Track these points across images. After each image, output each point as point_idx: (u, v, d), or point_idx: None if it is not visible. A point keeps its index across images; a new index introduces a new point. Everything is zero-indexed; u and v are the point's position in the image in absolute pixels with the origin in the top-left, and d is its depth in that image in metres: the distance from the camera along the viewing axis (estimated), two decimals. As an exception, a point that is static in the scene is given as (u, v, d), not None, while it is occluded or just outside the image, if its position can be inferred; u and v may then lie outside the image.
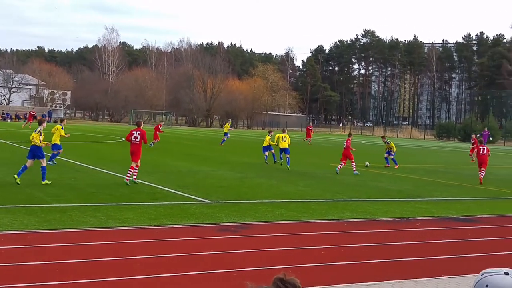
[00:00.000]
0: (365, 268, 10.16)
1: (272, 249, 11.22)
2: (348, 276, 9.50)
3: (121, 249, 10.90)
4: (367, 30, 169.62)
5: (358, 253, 11.29)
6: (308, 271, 9.78)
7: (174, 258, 10.21)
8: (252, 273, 9.27)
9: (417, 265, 10.60)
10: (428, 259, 11.04)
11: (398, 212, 16.57)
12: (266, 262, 10.11)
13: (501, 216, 16.90)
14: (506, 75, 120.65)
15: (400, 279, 9.44)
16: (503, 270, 2.44)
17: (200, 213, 14.80)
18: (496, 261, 11.05)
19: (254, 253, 10.89)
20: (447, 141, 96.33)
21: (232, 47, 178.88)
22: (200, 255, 10.50)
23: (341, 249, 11.53)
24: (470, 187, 24.45)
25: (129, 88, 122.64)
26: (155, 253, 10.46)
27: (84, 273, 9.02)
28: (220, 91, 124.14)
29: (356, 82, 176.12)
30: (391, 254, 11.25)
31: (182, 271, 9.36)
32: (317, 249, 11.40)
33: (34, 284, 8.51)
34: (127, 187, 19.22)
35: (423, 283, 9.27)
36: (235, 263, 10.03)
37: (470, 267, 10.31)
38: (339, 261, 10.48)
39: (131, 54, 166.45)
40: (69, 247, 10.88)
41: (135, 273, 9.22)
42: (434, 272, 9.92)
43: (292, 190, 20.62)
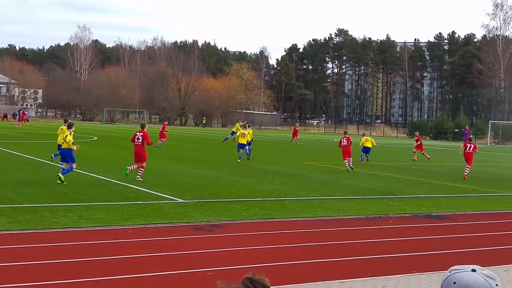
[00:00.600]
0: (339, 265, 10.22)
1: (246, 248, 11.24)
2: (321, 274, 9.54)
3: (93, 249, 10.83)
4: (341, 29, 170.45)
5: (331, 250, 11.36)
6: (283, 269, 9.81)
7: (148, 258, 10.18)
8: (226, 272, 9.27)
9: (389, 261, 10.69)
10: (400, 255, 11.14)
11: (371, 209, 16.68)
12: (240, 261, 10.12)
13: (471, 213, 17.08)
14: (477, 74, 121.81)
15: (372, 276, 9.51)
16: (471, 267, 2.48)
17: (174, 213, 14.77)
18: (466, 257, 11.18)
19: (228, 252, 10.90)
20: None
21: (206, 46, 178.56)
22: (173, 254, 10.49)
23: (315, 247, 11.57)
24: (441, 184, 24.67)
25: (101, 87, 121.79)
26: (128, 253, 10.42)
27: (55, 274, 8.96)
28: (194, 89, 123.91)
29: (329, 80, 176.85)
30: (364, 252, 11.33)
31: (156, 271, 9.33)
32: (291, 247, 11.44)
33: (4, 285, 8.43)
34: (100, 187, 19.13)
35: (395, 280, 9.35)
36: (209, 262, 10.03)
37: (441, 263, 10.41)
38: (313, 259, 10.53)
39: (104, 52, 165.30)
40: (40, 248, 10.80)
41: (107, 273, 9.18)
42: (406, 269, 10.01)
43: (267, 188, 20.65)
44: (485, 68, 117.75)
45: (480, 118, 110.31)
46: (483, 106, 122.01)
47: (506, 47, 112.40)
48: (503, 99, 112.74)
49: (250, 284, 2.60)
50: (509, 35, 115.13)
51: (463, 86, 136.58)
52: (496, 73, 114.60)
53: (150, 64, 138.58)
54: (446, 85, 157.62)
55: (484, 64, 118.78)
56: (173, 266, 9.69)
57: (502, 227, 14.95)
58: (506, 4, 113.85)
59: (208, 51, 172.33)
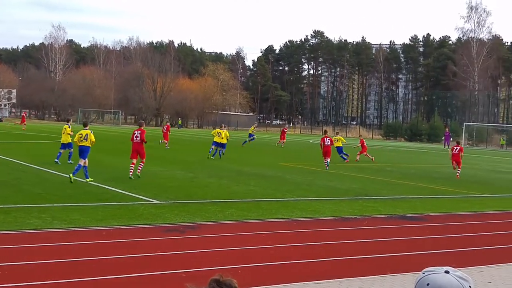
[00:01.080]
0: (314, 266, 10.23)
1: (221, 249, 11.20)
2: (297, 275, 9.54)
3: (67, 250, 10.74)
4: (316, 31, 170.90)
5: (306, 251, 11.36)
6: (257, 270, 9.80)
7: (122, 260, 10.11)
8: (201, 273, 9.24)
9: (364, 263, 10.72)
10: (375, 257, 11.17)
11: (346, 210, 16.73)
12: (215, 262, 10.09)
13: (445, 214, 17.20)
14: (451, 76, 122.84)
15: (347, 277, 9.53)
16: (444, 269, 2.48)
17: (149, 214, 14.70)
18: (440, 258, 11.25)
19: (203, 253, 10.86)
20: (394, 140, 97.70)
21: (182, 46, 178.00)
22: (148, 256, 10.43)
23: (290, 248, 11.58)
24: (416, 185, 24.83)
25: (76, 87, 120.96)
26: (102, 255, 10.35)
27: (28, 276, 8.87)
28: (170, 90, 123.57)
29: (305, 82, 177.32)
30: (339, 252, 11.36)
31: (130, 273, 9.28)
32: (267, 248, 11.43)
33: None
34: (74, 188, 18.99)
35: (370, 281, 9.38)
36: (183, 263, 9.99)
37: (415, 264, 10.46)
38: (288, 260, 10.53)
39: (79, 52, 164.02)
40: (13, 249, 10.68)
41: (80, 275, 9.10)
42: (380, 270, 10.04)
43: (243, 189, 20.64)
44: (459, 71, 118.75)
45: (455, 120, 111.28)
46: (458, 108, 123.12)
47: (480, 49, 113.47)
48: (477, 101, 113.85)
49: (217, 286, 2.58)
50: (483, 38, 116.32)
51: (437, 88, 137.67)
52: (470, 76, 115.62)
53: (126, 64, 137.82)
54: (421, 87, 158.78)
55: (459, 67, 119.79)
56: (147, 267, 9.63)
57: (476, 228, 15.07)
58: (480, 7, 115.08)
59: (184, 52, 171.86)
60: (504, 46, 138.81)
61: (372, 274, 9.78)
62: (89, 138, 21.35)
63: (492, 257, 11.50)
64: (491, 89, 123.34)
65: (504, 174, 34.65)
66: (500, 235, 14.25)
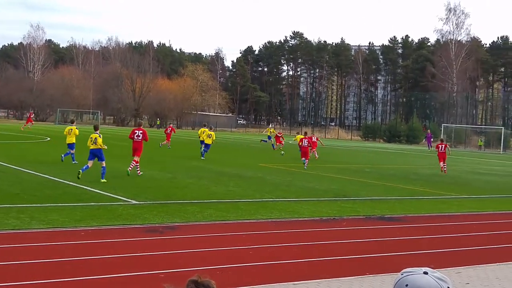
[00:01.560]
0: (293, 267, 10.24)
1: (200, 250, 11.19)
2: (275, 276, 9.55)
3: (45, 251, 10.67)
4: (296, 32, 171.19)
5: (285, 252, 11.37)
6: (236, 271, 9.80)
7: (100, 260, 10.06)
8: (179, 274, 9.22)
9: (342, 264, 10.75)
10: (353, 257, 11.21)
11: (325, 211, 16.77)
12: (193, 263, 10.07)
13: (424, 215, 17.31)
14: (430, 78, 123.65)
15: (326, 278, 9.55)
16: (422, 270, 2.49)
17: (127, 214, 14.63)
18: (419, 259, 11.32)
19: (182, 254, 10.84)
20: (373, 141, 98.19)
21: (161, 47, 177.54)
22: (126, 256, 10.38)
23: (268, 249, 11.59)
24: (394, 186, 24.96)
25: (55, 87, 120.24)
26: (80, 255, 10.29)
27: (5, 276, 8.79)
28: (149, 90, 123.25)
29: (285, 83, 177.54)
30: (318, 253, 11.38)
31: (109, 273, 9.23)
32: (245, 249, 11.43)
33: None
34: (53, 188, 18.87)
35: (349, 282, 9.41)
36: (162, 264, 9.96)
37: (394, 265, 10.51)
38: (267, 260, 10.53)
39: (58, 52, 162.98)
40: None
41: (58, 275, 9.04)
42: (359, 271, 10.07)
43: (222, 190, 20.62)
44: (438, 72, 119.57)
45: (433, 122, 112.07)
46: (436, 110, 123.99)
47: (459, 51, 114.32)
48: (456, 102, 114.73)
49: (195, 287, 2.58)
50: (462, 40, 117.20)
51: (416, 89, 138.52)
52: (449, 77, 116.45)
53: (105, 65, 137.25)
54: (400, 89, 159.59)
55: (437, 68, 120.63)
56: (126, 268, 9.59)
57: (454, 229, 15.17)
58: (459, 8, 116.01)
59: (163, 52, 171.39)
60: (483, 48, 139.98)
61: (350, 275, 9.81)
62: (98, 142, 22.13)
63: (470, 258, 11.59)
64: (469, 90, 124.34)
65: (482, 175, 34.92)
66: (478, 236, 14.36)
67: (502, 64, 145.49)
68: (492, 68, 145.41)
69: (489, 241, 13.66)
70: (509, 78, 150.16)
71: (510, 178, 34.31)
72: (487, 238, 14.18)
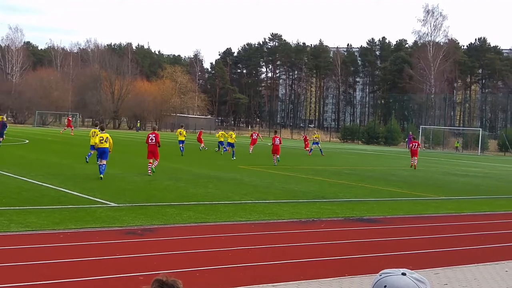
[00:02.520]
0: (271, 268, 10.25)
1: (179, 252, 11.18)
2: (254, 277, 9.56)
3: (24, 254, 10.59)
4: (274, 34, 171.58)
5: (264, 254, 11.39)
6: (215, 273, 9.79)
7: (79, 263, 10.02)
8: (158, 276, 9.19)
9: (322, 265, 10.79)
10: (332, 259, 11.26)
11: (304, 213, 16.81)
12: (172, 265, 10.06)
13: (402, 216, 17.41)
14: (408, 79, 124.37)
15: (305, 279, 9.58)
16: (401, 271, 2.50)
17: (106, 217, 14.57)
18: (397, 260, 11.39)
19: (161, 256, 10.81)
20: (352, 143, 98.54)
21: (140, 49, 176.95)
22: (105, 259, 10.35)
23: (247, 251, 11.60)
24: (373, 188, 25.07)
25: (33, 89, 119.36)
26: (59, 258, 10.23)
27: (-16, 280, 8.73)
28: (128, 92, 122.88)
29: (264, 85, 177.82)
30: (296, 255, 11.40)
31: (87, 276, 9.19)
32: (224, 251, 11.43)
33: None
34: (31, 191, 18.74)
35: (328, 283, 9.44)
36: (141, 267, 9.93)
37: (372, 266, 10.58)
38: (245, 262, 10.55)
39: (36, 54, 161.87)
40: (-32, 253, 10.49)
41: (37, 278, 8.98)
42: (338, 272, 10.11)
43: (201, 192, 20.59)
44: (416, 74, 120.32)
45: (411, 123, 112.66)
46: (414, 111, 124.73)
47: (437, 53, 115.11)
48: (434, 104, 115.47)
49: (159, 286, 2.58)
50: (440, 41, 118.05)
51: (394, 91, 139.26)
52: (426, 79, 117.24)
53: (83, 67, 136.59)
54: (378, 90, 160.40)
55: (415, 70, 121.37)
56: (105, 270, 9.56)
57: (432, 230, 15.27)
58: (437, 10, 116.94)
59: (142, 54, 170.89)
60: (460, 50, 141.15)
61: (329, 276, 9.85)
62: (109, 141, 24.07)
63: (448, 259, 11.68)
64: (447, 92, 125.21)
65: (460, 176, 35.18)
66: (456, 237, 14.47)
67: (480, 66, 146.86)
68: (469, 70, 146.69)
69: (467, 242, 13.77)
70: (486, 80, 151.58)
71: (487, 179, 34.60)
72: (465, 239, 14.29)
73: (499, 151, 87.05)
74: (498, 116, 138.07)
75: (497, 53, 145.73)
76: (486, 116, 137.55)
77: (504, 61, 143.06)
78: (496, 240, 14.35)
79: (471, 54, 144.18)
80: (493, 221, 17.77)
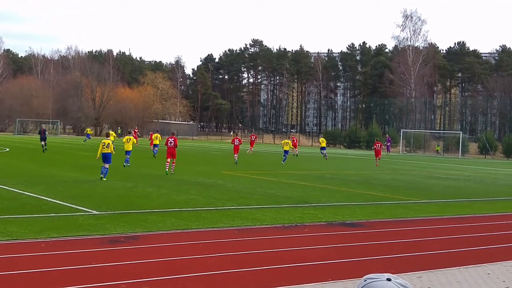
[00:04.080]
0: (254, 275, 10.24)
1: (162, 259, 11.13)
2: (237, 284, 9.55)
3: (5, 263, 10.50)
4: (255, 39, 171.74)
5: (247, 260, 11.37)
6: (199, 280, 9.76)
7: (61, 272, 9.95)
8: (141, 284, 9.17)
9: (304, 269, 10.78)
10: (315, 263, 11.26)
11: (286, 218, 16.81)
12: (156, 273, 10.02)
13: (384, 220, 17.46)
14: (388, 84, 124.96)
15: (288, 284, 9.57)
16: (386, 276, 2.50)
17: (88, 225, 14.49)
18: (380, 264, 11.42)
19: (144, 264, 10.77)
20: (334, 148, 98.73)
21: (121, 55, 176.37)
22: (88, 267, 10.28)
23: (231, 257, 11.58)
24: (355, 192, 25.13)
25: (13, 97, 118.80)
26: (41, 267, 10.15)
27: (-35, 290, 8.65)
28: (109, 99, 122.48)
29: (245, 90, 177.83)
30: (279, 260, 11.40)
31: (69, 285, 9.13)
32: (207, 257, 11.40)
33: None
34: (12, 199, 18.60)
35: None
36: (124, 274, 9.88)
37: (355, 270, 10.60)
38: (229, 269, 10.53)
39: (16, 62, 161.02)
40: (-51, 264, 10.38)
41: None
42: (321, 277, 10.12)
43: (184, 198, 20.55)
44: (396, 78, 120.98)
45: (392, 127, 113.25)
46: (395, 115, 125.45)
47: (416, 57, 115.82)
48: (414, 108, 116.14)
49: None
50: (419, 46, 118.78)
51: (375, 95, 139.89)
52: (407, 83, 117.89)
53: (64, 74, 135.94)
54: (359, 95, 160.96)
55: (395, 74, 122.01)
56: (88, 279, 9.50)
57: (414, 234, 15.33)
58: (415, 15, 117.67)
59: (123, 61, 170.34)
60: (440, 54, 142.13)
61: (312, 281, 9.85)
62: (110, 146, 26.24)
63: (430, 262, 11.73)
64: (427, 96, 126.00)
65: (441, 180, 35.38)
66: (438, 240, 14.54)
67: (459, 70, 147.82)
68: (449, 74, 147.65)
69: (449, 245, 13.84)
70: (466, 83, 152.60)
71: (468, 182, 34.83)
72: (447, 242, 14.36)
73: (479, 154, 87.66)
74: (478, 119, 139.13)
75: (476, 56, 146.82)
76: (466, 119, 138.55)
77: (483, 65, 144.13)
78: (478, 242, 14.44)
79: (451, 58, 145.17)
80: (474, 223, 17.89)
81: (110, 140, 26.62)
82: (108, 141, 26.47)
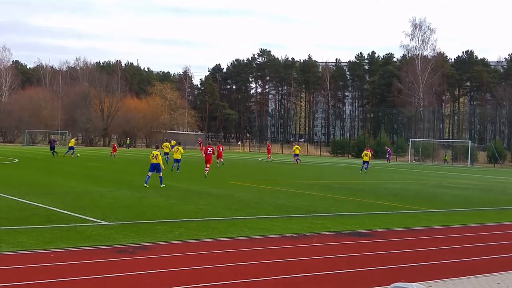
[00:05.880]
0: (263, 284, 10.23)
1: (171, 270, 11.13)
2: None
3: (14, 274, 10.52)
4: (263, 49, 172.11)
5: (256, 270, 11.36)
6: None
7: (70, 282, 9.96)
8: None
9: (314, 280, 10.76)
10: (324, 273, 11.23)
11: (295, 228, 16.79)
12: (165, 283, 10.02)
13: (393, 230, 17.41)
14: (397, 93, 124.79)
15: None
16: (414, 285, 2.49)
17: (97, 235, 14.52)
18: (390, 274, 11.37)
19: (152, 274, 10.77)
20: (342, 157, 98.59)
21: (129, 66, 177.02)
22: (97, 278, 10.30)
23: (239, 267, 11.57)
24: (364, 202, 25.08)
25: (22, 108, 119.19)
26: (49, 278, 10.17)
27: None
28: (118, 109, 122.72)
29: (253, 100, 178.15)
30: (288, 270, 11.37)
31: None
32: (216, 267, 11.39)
33: None
34: (21, 210, 18.67)
35: (321, 298, 9.41)
36: (133, 285, 9.89)
37: (365, 280, 10.57)
38: (238, 279, 10.51)
39: (25, 73, 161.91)
40: (-42, 274, 10.41)
41: (29, 298, 8.94)
42: (330, 287, 10.09)
43: (192, 208, 20.56)
44: (404, 87, 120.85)
45: (401, 136, 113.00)
46: (403, 124, 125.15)
47: (425, 66, 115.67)
48: (423, 117, 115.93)
49: None
50: (428, 55, 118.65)
51: (383, 105, 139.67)
52: (415, 92, 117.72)
53: (72, 85, 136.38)
54: (367, 104, 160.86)
55: (404, 83, 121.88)
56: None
57: (423, 244, 15.28)
58: (424, 24, 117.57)
59: (131, 71, 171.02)
60: (448, 63, 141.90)
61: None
62: (159, 157, 28.46)
63: (440, 272, 11.68)
64: (436, 105, 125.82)
65: (450, 189, 35.26)
66: (448, 250, 14.48)
67: (467, 79, 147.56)
68: (457, 83, 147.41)
69: (458, 255, 13.79)
70: (474, 92, 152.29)
71: (477, 191, 34.70)
72: (457, 251, 14.31)
73: (488, 163, 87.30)
74: (487, 128, 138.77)
75: (485, 65, 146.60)
76: (475, 128, 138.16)
77: (492, 73, 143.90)
78: (488, 252, 14.37)
79: (459, 67, 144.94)
80: (484, 233, 17.81)
81: (158, 152, 29.00)
82: (157, 152, 28.82)
